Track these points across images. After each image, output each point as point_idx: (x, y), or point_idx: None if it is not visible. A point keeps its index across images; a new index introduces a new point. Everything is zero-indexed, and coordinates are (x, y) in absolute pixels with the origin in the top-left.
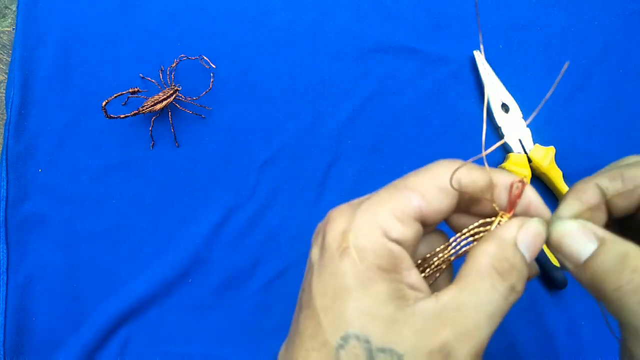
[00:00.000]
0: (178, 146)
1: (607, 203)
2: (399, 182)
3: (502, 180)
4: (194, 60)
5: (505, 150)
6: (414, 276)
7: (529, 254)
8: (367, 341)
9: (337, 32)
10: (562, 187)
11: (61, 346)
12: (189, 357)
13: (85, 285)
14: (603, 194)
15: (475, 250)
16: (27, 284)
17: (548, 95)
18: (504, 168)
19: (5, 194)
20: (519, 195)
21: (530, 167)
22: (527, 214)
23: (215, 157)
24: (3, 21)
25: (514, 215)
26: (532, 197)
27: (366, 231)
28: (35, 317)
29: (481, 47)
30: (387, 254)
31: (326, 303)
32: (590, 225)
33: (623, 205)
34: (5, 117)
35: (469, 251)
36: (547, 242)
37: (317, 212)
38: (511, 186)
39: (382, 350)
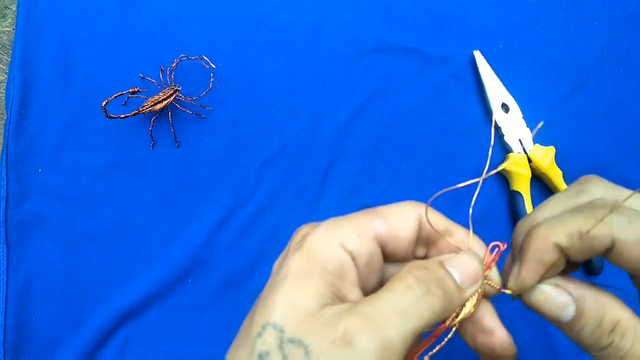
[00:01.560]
0: (178, 146)
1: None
2: (368, 209)
3: (457, 232)
4: (194, 60)
5: (505, 150)
6: (355, 294)
7: (459, 275)
8: (282, 331)
9: (337, 32)
10: (562, 187)
11: (61, 346)
12: (189, 357)
13: (85, 285)
14: (562, 250)
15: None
16: (27, 284)
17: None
18: (504, 168)
19: (5, 194)
20: (496, 259)
21: (530, 167)
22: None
23: (215, 157)
24: (3, 21)
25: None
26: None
27: (323, 236)
28: (35, 317)
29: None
30: (336, 260)
31: (264, 295)
32: (562, 282)
33: (580, 258)
34: (5, 117)
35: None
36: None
37: (317, 212)
38: (489, 249)
39: (292, 340)
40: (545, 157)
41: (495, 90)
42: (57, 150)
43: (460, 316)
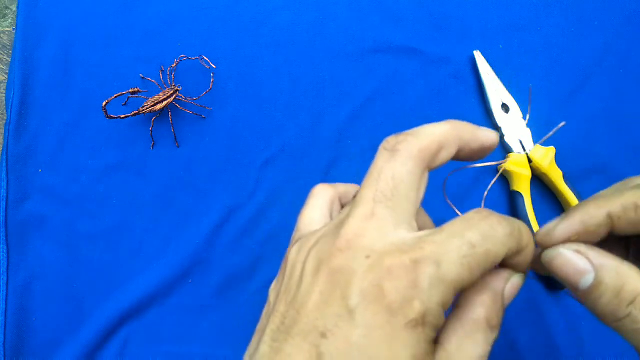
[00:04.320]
0: (178, 146)
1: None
2: (469, 250)
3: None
4: (194, 60)
5: (505, 150)
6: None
7: (507, 304)
8: None
9: (337, 32)
10: (562, 187)
11: (61, 346)
12: (189, 357)
13: (85, 285)
14: (611, 220)
15: (471, 298)
16: (27, 284)
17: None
18: (504, 168)
19: (5, 194)
20: None
21: (530, 167)
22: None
23: (215, 157)
24: (3, 21)
25: None
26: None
27: (436, 309)
28: (35, 317)
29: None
30: (441, 323)
31: None
32: (583, 248)
33: (630, 232)
34: (5, 117)
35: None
36: (542, 264)
37: None
38: None
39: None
40: (545, 157)
41: (495, 90)
42: (57, 150)
43: None
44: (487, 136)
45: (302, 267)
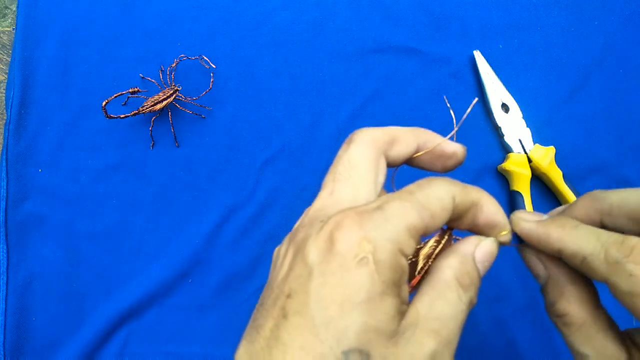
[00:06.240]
0: (178, 146)
1: None
2: (409, 196)
3: (485, 200)
4: (194, 60)
5: (505, 150)
6: (406, 289)
7: (483, 269)
8: (368, 355)
9: (337, 32)
10: (562, 187)
11: (61, 346)
12: (189, 357)
13: (85, 285)
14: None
15: (440, 263)
16: (27, 284)
17: None
18: (504, 168)
19: (5, 194)
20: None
21: (530, 167)
22: (487, 225)
23: (215, 157)
24: (3, 21)
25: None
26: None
27: (385, 245)
28: (35, 317)
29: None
30: (399, 270)
31: (330, 315)
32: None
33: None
34: (5, 117)
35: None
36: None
37: None
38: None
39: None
40: (545, 157)
41: (495, 90)
42: (57, 150)
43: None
44: (449, 143)
45: (279, 256)
